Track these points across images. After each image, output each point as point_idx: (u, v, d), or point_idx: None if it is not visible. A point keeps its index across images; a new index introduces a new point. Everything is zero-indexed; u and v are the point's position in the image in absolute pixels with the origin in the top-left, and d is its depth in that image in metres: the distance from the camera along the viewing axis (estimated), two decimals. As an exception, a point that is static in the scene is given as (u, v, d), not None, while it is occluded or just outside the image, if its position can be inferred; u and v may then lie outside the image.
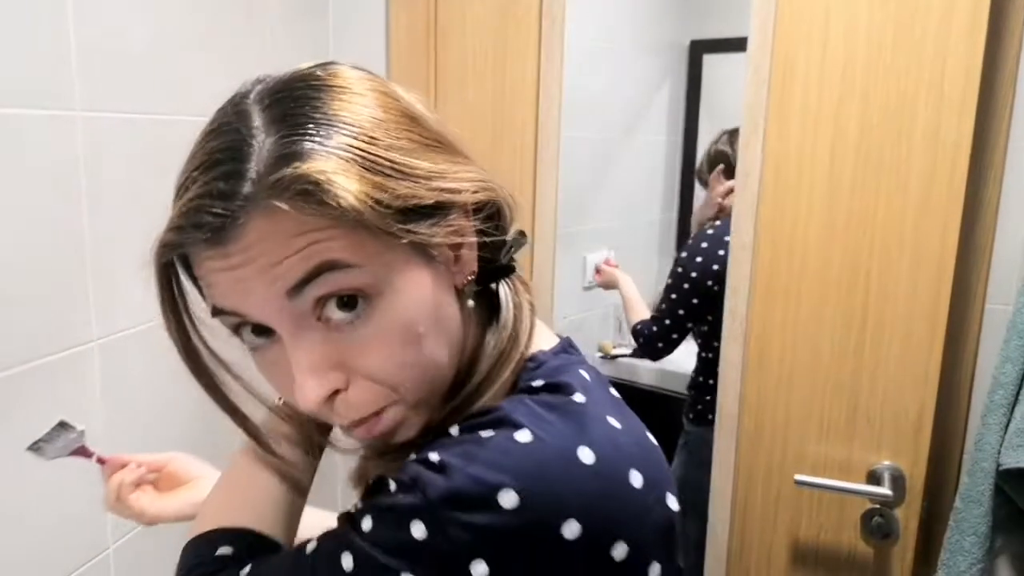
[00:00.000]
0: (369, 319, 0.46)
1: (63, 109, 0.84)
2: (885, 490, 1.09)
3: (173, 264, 0.48)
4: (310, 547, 0.50)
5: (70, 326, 0.88)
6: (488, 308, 0.56)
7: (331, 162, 0.43)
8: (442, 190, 0.47)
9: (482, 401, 0.51)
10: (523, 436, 0.45)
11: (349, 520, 0.48)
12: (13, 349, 0.81)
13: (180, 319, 0.50)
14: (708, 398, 1.71)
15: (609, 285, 1.96)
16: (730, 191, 1.79)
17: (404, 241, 0.45)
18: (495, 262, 0.55)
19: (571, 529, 0.43)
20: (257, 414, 0.58)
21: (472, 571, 0.43)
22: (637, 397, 2.00)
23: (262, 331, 0.48)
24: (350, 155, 0.44)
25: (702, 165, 1.87)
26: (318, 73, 0.49)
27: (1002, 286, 1.05)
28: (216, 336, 0.52)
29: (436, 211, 0.47)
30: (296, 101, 0.46)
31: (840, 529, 1.16)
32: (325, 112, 0.45)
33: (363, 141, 0.45)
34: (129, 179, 0.94)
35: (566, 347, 0.56)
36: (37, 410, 0.85)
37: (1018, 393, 0.94)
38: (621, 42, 2.16)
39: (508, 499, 0.42)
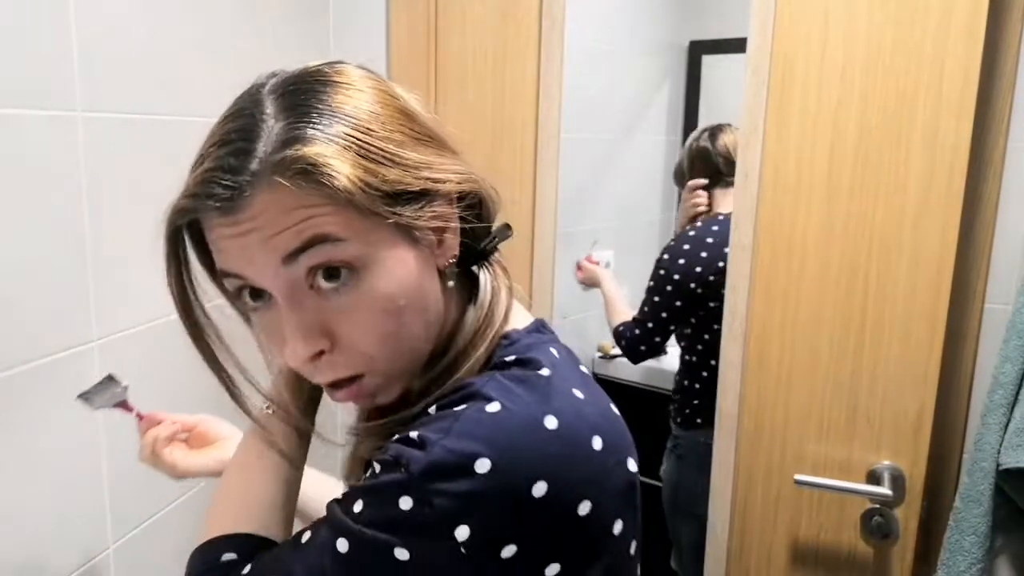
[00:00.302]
0: (355, 289, 0.51)
1: (63, 109, 0.84)
2: (885, 490, 1.09)
3: (183, 229, 0.53)
4: (305, 537, 0.53)
5: (70, 326, 0.88)
6: (469, 289, 0.61)
7: (329, 147, 0.49)
8: (427, 179, 0.53)
9: (459, 373, 0.56)
10: (493, 407, 0.49)
11: (339, 505, 0.52)
12: (13, 349, 0.81)
13: (181, 278, 0.55)
14: (696, 402, 1.69)
15: (591, 283, 1.93)
16: (702, 205, 1.79)
17: (390, 221, 0.51)
18: (476, 248, 0.60)
19: (540, 489, 0.47)
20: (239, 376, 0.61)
21: (456, 536, 0.47)
22: (637, 396, 2.00)
23: (260, 295, 0.53)
24: (347, 142, 0.49)
25: (681, 162, 1.83)
26: (325, 70, 0.54)
27: (1002, 285, 1.05)
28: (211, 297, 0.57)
29: (421, 197, 0.53)
30: (304, 93, 0.52)
31: (840, 529, 1.16)
32: (329, 104, 0.51)
33: (360, 131, 0.50)
34: (129, 179, 0.94)
35: (539, 327, 0.61)
36: (37, 410, 0.85)
37: (1018, 393, 0.94)
38: (621, 43, 2.16)
39: (483, 465, 0.46)
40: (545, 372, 0.53)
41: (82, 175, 0.87)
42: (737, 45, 1.16)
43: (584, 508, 0.49)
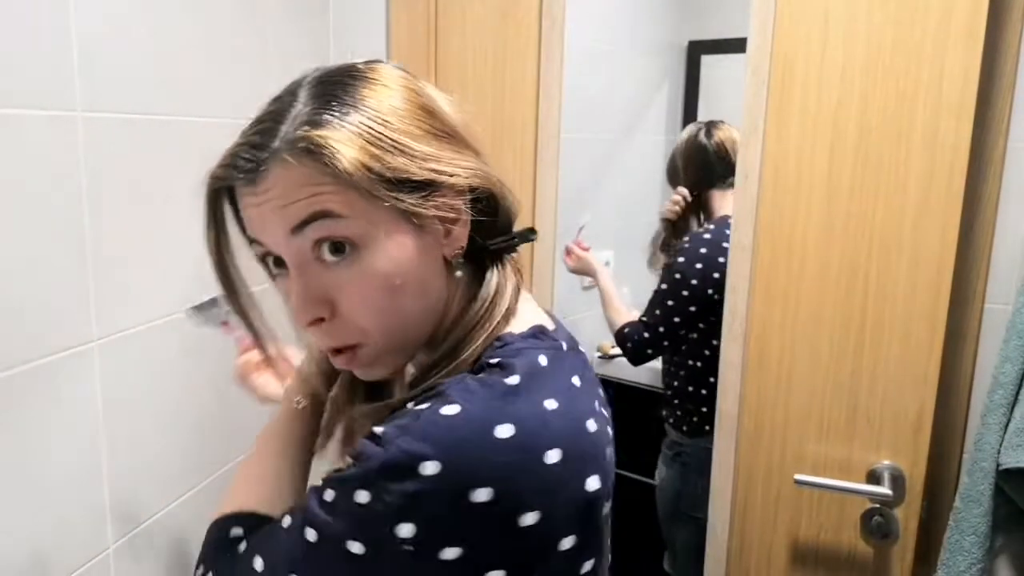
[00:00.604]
0: (353, 264, 0.55)
1: (63, 109, 0.84)
2: (885, 490, 1.09)
3: (222, 196, 0.58)
4: (287, 521, 0.57)
5: (70, 326, 0.88)
6: (480, 285, 0.63)
7: (339, 132, 0.53)
8: (433, 170, 0.56)
9: (453, 364, 0.58)
10: (450, 410, 0.51)
11: (315, 492, 0.55)
12: (13, 349, 0.81)
13: (218, 240, 0.60)
14: (704, 409, 1.66)
15: (583, 271, 1.84)
16: (669, 213, 1.76)
17: (387, 204, 0.54)
18: (486, 244, 0.62)
19: (482, 495, 0.49)
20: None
21: (401, 533, 0.49)
22: (637, 397, 2.00)
23: (281, 262, 0.58)
24: (360, 130, 0.54)
25: (675, 160, 1.77)
26: (360, 67, 0.59)
27: (1002, 286, 1.05)
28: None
29: (426, 187, 0.56)
30: (335, 85, 0.57)
31: (840, 529, 1.16)
32: (353, 96, 0.56)
33: (375, 121, 0.55)
34: (129, 179, 0.94)
35: (537, 332, 0.60)
36: (37, 410, 0.85)
37: (1018, 393, 0.94)
38: (621, 43, 2.16)
39: (429, 467, 0.49)
40: (514, 379, 0.53)
41: (82, 175, 0.87)
42: (737, 45, 1.16)
43: (529, 519, 0.50)
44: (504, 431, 0.50)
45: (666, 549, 1.83)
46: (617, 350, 2.10)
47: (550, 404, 0.53)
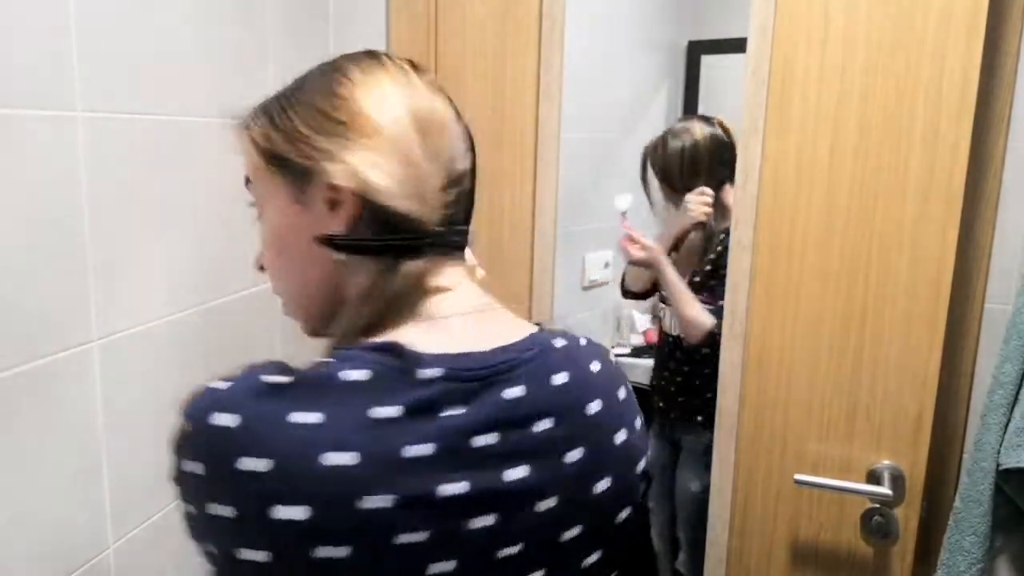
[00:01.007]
0: (261, 224, 0.66)
1: (63, 109, 0.84)
2: (885, 490, 1.09)
3: None
4: None
5: (70, 326, 0.88)
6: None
7: (258, 112, 0.64)
8: (311, 159, 0.60)
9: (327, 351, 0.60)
10: (221, 384, 0.55)
11: None
12: (13, 349, 0.81)
13: None
14: None
15: (649, 264, 1.70)
16: (703, 215, 1.66)
17: (268, 177, 0.62)
18: (345, 239, 0.61)
19: (196, 468, 0.52)
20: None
21: (180, 466, 0.55)
22: (639, 397, 1.99)
23: None
24: (273, 110, 0.63)
25: (696, 155, 1.72)
26: (339, 57, 0.65)
27: (1001, 285, 1.05)
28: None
29: (305, 170, 0.61)
30: (308, 73, 0.65)
31: (840, 529, 1.16)
32: (299, 82, 0.64)
33: (286, 106, 0.62)
34: (129, 179, 0.94)
35: (382, 347, 0.56)
36: (37, 410, 0.85)
37: (1018, 393, 0.94)
38: (620, 43, 2.16)
39: (181, 422, 0.55)
40: (285, 379, 0.53)
41: (82, 175, 0.87)
42: (737, 45, 1.16)
43: (219, 511, 0.51)
44: (223, 419, 0.52)
45: (680, 550, 1.82)
46: (616, 350, 2.09)
47: (299, 417, 0.51)
